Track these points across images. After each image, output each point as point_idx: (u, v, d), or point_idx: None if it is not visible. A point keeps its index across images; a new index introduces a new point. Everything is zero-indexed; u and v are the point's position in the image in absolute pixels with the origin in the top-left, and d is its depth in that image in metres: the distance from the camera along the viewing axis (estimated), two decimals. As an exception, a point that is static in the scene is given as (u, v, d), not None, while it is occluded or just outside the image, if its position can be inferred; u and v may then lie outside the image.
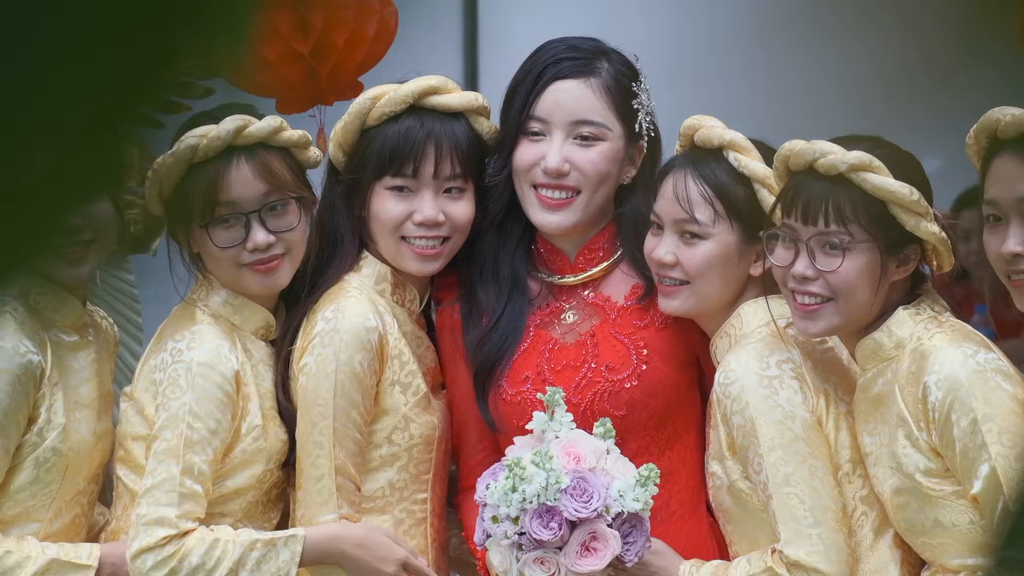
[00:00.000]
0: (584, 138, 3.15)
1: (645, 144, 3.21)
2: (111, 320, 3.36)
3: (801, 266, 2.89)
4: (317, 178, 3.29)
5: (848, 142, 2.90)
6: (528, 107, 3.15)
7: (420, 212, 3.16)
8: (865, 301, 2.88)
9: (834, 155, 2.86)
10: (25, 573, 3.00)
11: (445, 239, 3.20)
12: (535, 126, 3.16)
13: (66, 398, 3.09)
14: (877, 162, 2.85)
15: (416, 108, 3.18)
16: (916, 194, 2.85)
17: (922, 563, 2.94)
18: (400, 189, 3.18)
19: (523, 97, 3.16)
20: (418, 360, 3.21)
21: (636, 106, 3.18)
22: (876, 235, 2.86)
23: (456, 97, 3.21)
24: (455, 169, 3.18)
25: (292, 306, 3.24)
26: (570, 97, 3.15)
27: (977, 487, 2.78)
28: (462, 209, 3.20)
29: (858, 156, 2.85)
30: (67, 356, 3.12)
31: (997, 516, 2.77)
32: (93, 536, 3.22)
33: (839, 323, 2.91)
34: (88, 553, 3.05)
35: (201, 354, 3.07)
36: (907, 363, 2.85)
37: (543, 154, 3.15)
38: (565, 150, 3.14)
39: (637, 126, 3.18)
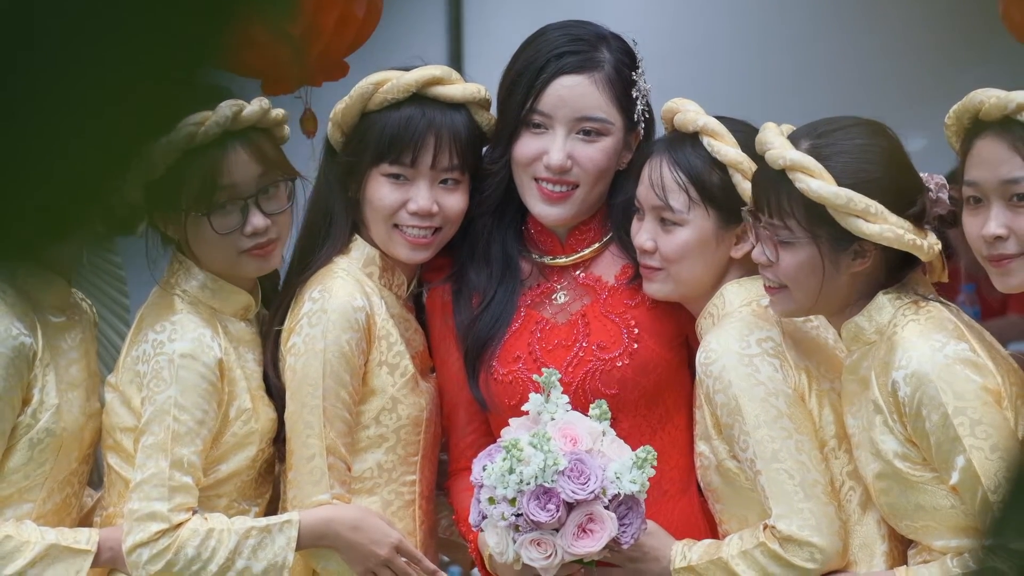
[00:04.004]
0: (587, 133, 3.15)
1: (642, 130, 3.22)
2: (89, 301, 3.36)
3: (756, 252, 2.92)
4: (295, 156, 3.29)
5: (814, 128, 2.90)
6: (530, 100, 3.14)
7: (415, 202, 3.17)
8: (813, 291, 2.88)
9: (775, 151, 2.85)
10: (24, 558, 3.01)
11: (437, 229, 3.20)
12: (537, 119, 3.16)
13: (58, 379, 3.09)
14: (812, 164, 2.83)
15: (418, 96, 3.18)
16: (844, 197, 2.81)
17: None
18: (396, 177, 3.18)
19: (524, 90, 3.15)
20: (406, 342, 3.21)
21: (635, 95, 3.19)
22: (815, 232, 2.85)
23: (459, 89, 3.20)
24: (453, 161, 3.18)
25: (266, 285, 3.26)
26: (574, 93, 3.14)
27: (955, 478, 2.79)
28: (456, 201, 3.21)
29: (794, 157, 2.83)
30: (56, 337, 3.13)
31: (978, 506, 2.78)
32: (83, 518, 3.23)
33: (795, 308, 2.92)
34: (87, 538, 3.06)
35: (183, 345, 3.07)
36: (882, 351, 2.87)
37: (545, 149, 3.15)
38: (568, 146, 3.14)
39: (636, 115, 3.19)
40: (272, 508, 3.22)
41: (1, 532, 3.02)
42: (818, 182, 2.82)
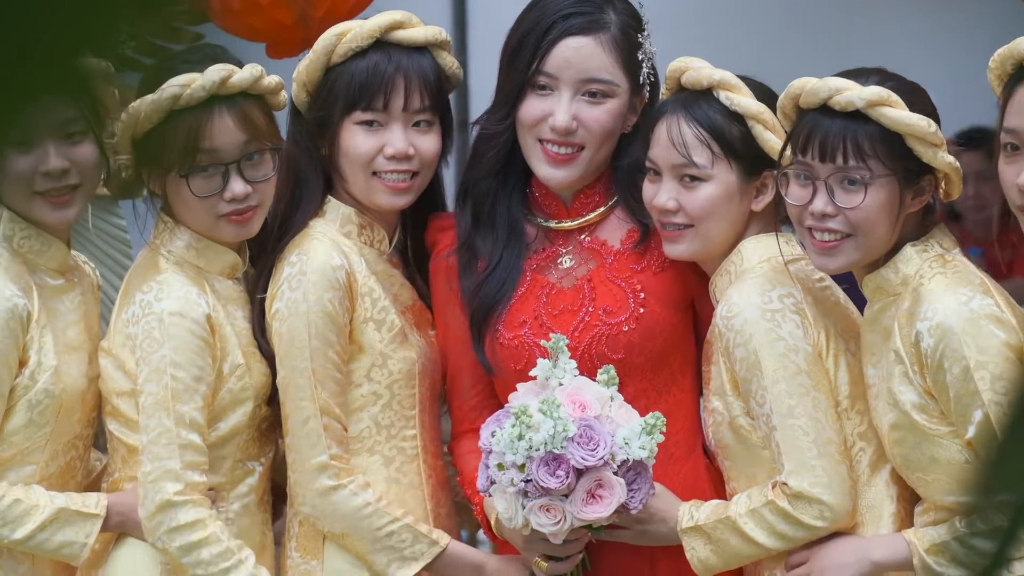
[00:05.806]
0: (592, 95, 3.15)
1: (647, 93, 3.20)
2: (92, 265, 3.38)
3: (820, 203, 2.89)
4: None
5: (854, 75, 2.90)
6: (536, 62, 3.14)
7: (391, 145, 3.17)
8: (884, 235, 2.89)
9: (851, 91, 2.85)
10: (34, 522, 3.02)
11: (415, 174, 3.20)
12: (543, 80, 3.15)
13: (56, 340, 3.10)
14: (894, 96, 2.85)
15: (381, 43, 3.19)
16: (933, 125, 2.85)
17: (917, 499, 2.97)
18: (370, 124, 3.19)
19: (530, 51, 3.14)
20: (392, 298, 3.22)
21: (641, 57, 3.17)
22: (895, 169, 2.86)
23: (421, 31, 3.22)
24: (424, 102, 3.20)
25: (256, 247, 3.26)
26: (580, 55, 3.13)
27: (971, 432, 2.80)
28: (430, 143, 3.22)
29: (875, 91, 2.84)
30: (53, 299, 3.13)
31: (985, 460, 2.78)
32: (91, 482, 3.24)
33: (858, 258, 2.92)
34: (96, 502, 3.07)
35: (171, 304, 3.07)
36: (907, 302, 2.86)
37: (551, 110, 3.14)
38: (573, 108, 3.14)
39: (641, 77, 3.18)
40: (279, 474, 3.23)
41: (10, 496, 3.03)
42: (906, 112, 2.83)
